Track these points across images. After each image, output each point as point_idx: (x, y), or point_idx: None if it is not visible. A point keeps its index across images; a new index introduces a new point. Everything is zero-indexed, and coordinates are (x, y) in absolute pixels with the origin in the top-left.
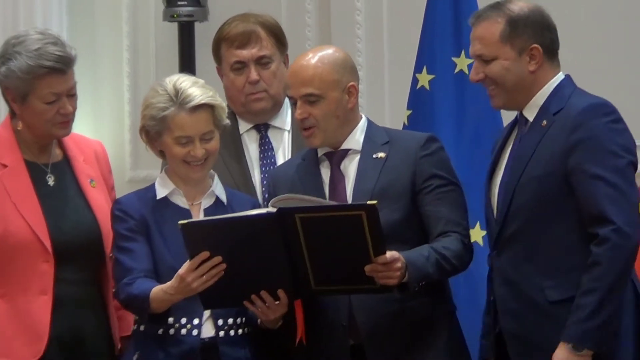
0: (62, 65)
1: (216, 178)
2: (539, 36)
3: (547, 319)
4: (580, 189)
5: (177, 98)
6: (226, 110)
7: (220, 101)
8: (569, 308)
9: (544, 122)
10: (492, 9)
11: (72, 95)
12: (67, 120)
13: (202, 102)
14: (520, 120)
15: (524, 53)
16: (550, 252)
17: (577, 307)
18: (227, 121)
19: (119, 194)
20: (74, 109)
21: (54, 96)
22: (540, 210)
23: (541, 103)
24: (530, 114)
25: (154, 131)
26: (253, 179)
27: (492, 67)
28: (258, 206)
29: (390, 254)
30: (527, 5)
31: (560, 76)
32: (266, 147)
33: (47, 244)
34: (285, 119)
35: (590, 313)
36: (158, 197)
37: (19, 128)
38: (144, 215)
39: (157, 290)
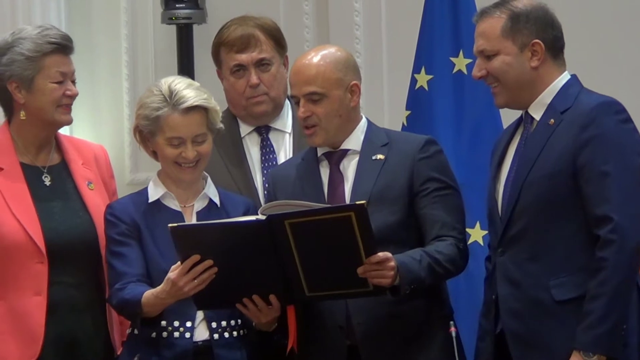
0: (68, 42)
1: (209, 180)
2: (541, 32)
3: (553, 319)
4: (587, 187)
5: (171, 99)
6: (220, 114)
7: (215, 104)
8: (575, 308)
9: (552, 120)
10: (496, 5)
11: (74, 81)
12: (70, 104)
13: (196, 103)
14: (525, 119)
15: (526, 48)
16: (557, 251)
17: (586, 313)
18: (221, 125)
19: (120, 196)
20: (77, 93)
21: (61, 76)
22: (547, 210)
23: (548, 102)
24: (536, 112)
25: (147, 131)
26: (255, 182)
27: (493, 62)
28: (253, 207)
29: (382, 254)
30: (531, 2)
31: (566, 75)
32: (267, 149)
33: (41, 244)
34: (286, 121)
35: (599, 318)
36: (150, 200)
37: (22, 118)
38: (135, 219)
39: (149, 294)
